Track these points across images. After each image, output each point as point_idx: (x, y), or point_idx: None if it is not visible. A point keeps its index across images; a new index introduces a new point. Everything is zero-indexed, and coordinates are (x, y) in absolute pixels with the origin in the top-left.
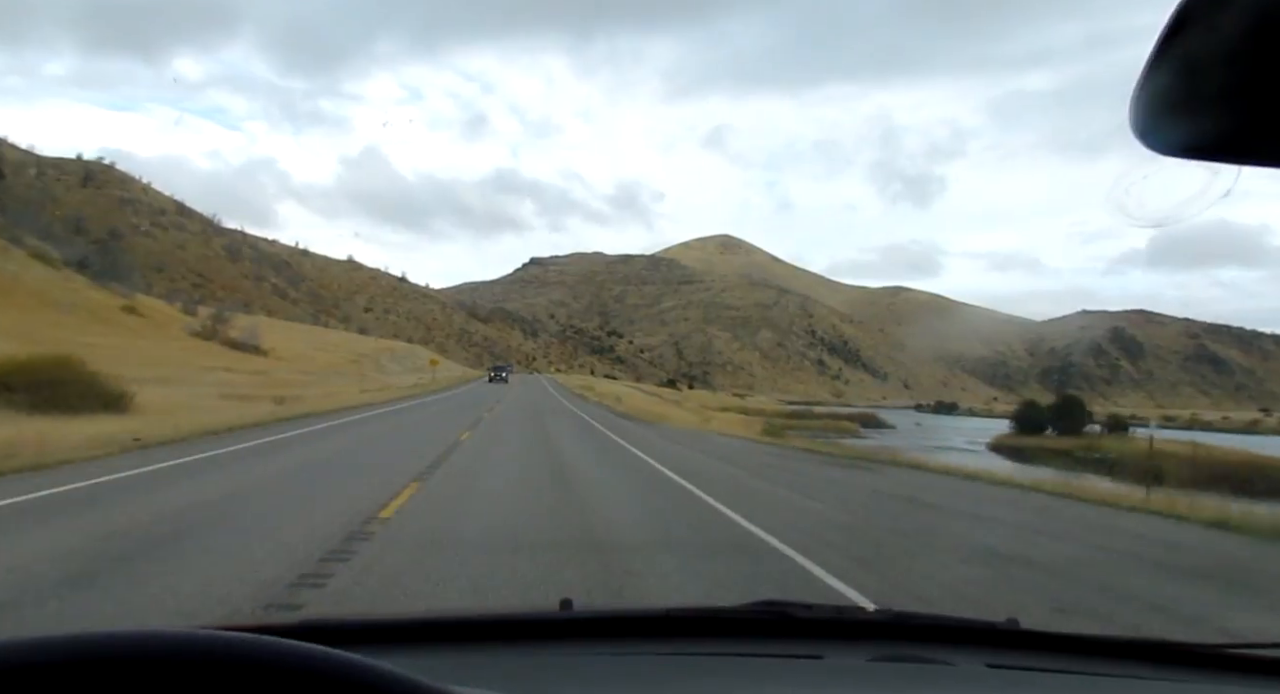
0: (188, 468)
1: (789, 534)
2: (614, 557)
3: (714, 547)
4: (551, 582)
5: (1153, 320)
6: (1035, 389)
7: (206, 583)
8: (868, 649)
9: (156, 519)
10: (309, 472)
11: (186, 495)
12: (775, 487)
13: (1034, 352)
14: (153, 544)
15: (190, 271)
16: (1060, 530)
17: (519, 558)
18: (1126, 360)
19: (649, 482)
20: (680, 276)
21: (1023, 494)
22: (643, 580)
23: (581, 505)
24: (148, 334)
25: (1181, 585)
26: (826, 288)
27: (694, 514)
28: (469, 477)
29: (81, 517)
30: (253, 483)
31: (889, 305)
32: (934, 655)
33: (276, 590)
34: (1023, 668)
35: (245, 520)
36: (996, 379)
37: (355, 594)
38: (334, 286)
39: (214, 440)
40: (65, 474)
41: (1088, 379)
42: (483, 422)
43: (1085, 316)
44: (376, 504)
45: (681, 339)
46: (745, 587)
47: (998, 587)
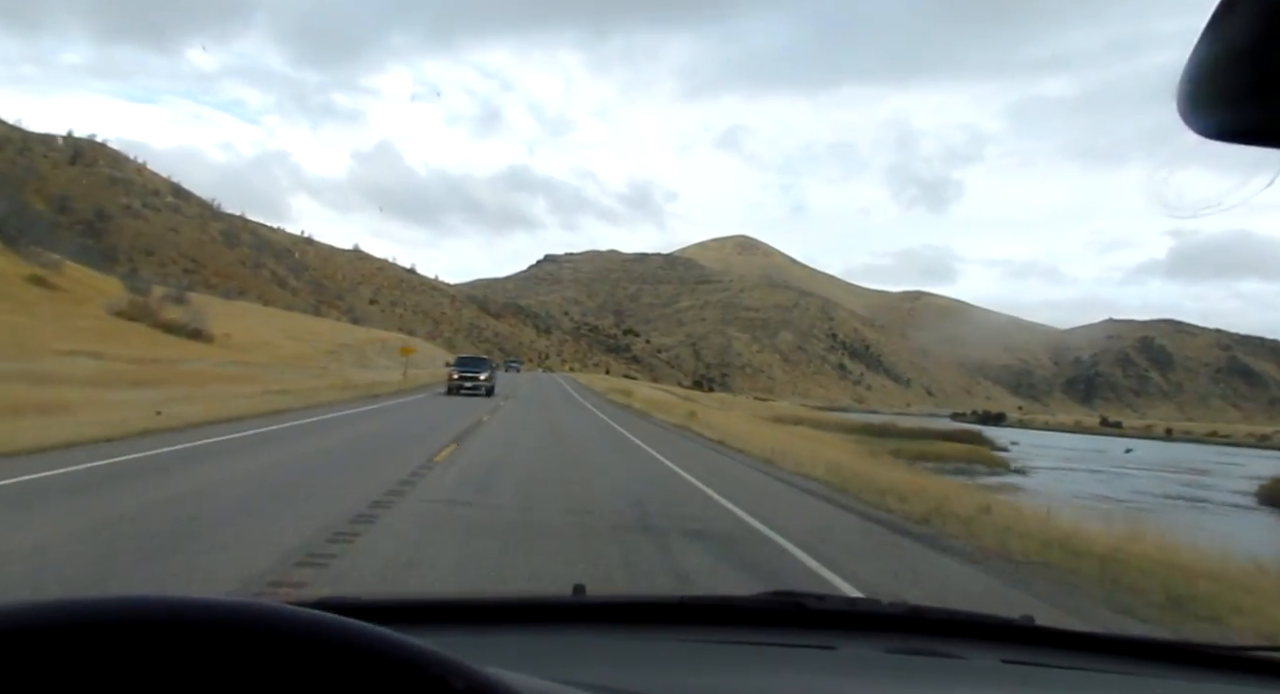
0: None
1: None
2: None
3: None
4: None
5: (1182, 330)
6: (1060, 399)
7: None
8: (881, 641)
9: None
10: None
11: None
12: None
13: (1058, 360)
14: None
15: (182, 256)
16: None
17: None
18: (1155, 371)
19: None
20: (697, 276)
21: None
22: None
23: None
24: (47, 310)
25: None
26: (845, 291)
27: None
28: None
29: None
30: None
31: (909, 310)
32: (948, 649)
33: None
34: (1038, 664)
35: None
36: (1021, 388)
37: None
38: (338, 277)
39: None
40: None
41: (1115, 389)
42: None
43: (1112, 325)
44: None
45: (699, 340)
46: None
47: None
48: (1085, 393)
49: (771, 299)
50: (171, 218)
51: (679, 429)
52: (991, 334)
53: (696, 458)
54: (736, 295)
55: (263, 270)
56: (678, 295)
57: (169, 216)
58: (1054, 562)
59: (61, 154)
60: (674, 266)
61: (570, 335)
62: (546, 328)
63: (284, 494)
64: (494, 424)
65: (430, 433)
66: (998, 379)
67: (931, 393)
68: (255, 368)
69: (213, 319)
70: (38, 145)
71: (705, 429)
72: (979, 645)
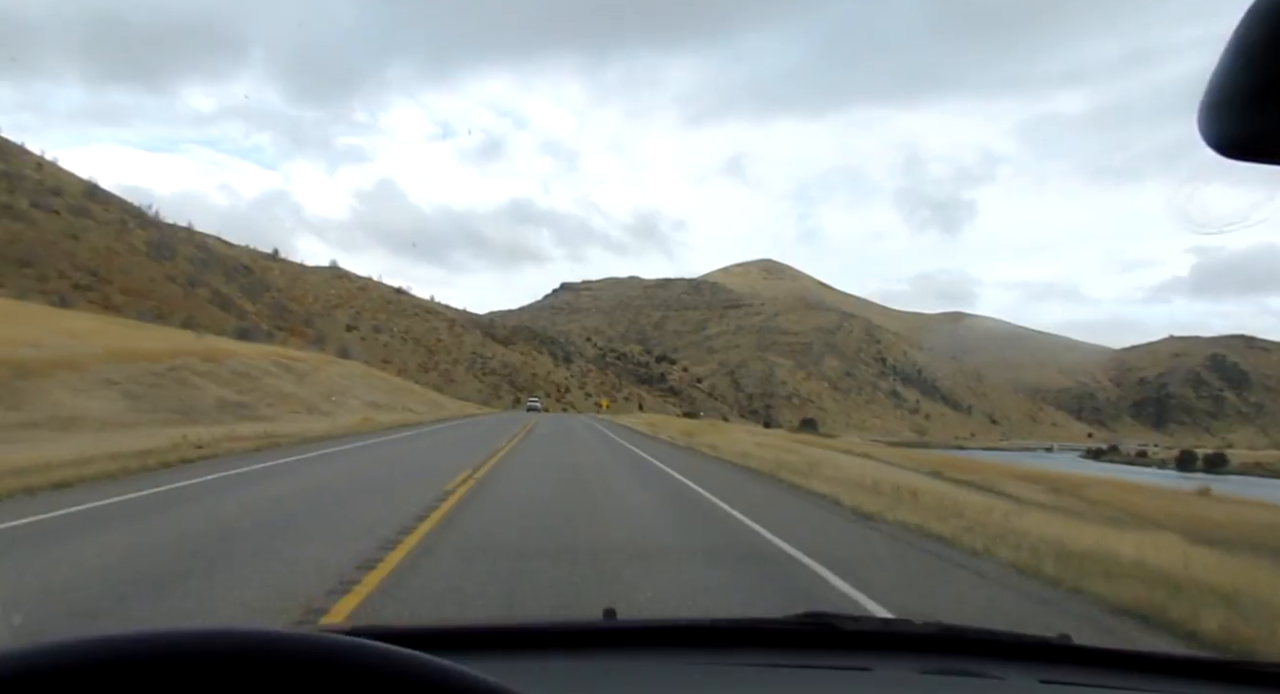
0: None
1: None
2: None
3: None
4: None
5: (1254, 346)
6: (1129, 424)
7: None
8: (916, 662)
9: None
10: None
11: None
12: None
13: (1120, 382)
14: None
15: (77, 268)
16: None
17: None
18: (1230, 391)
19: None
20: (725, 301)
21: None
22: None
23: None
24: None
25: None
26: (881, 314)
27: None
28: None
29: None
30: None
31: (950, 332)
32: (984, 669)
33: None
34: (1076, 684)
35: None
36: (1084, 412)
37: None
38: (308, 299)
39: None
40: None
41: (1189, 412)
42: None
43: (1175, 342)
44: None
45: (736, 367)
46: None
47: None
48: (1156, 416)
49: (811, 322)
50: (74, 222)
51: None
52: (1043, 355)
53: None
54: (771, 319)
55: (199, 289)
56: (706, 321)
57: (70, 221)
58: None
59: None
60: (700, 291)
61: (595, 364)
62: (566, 356)
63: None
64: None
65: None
66: (1058, 403)
67: (995, 421)
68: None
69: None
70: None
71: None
72: (1015, 665)
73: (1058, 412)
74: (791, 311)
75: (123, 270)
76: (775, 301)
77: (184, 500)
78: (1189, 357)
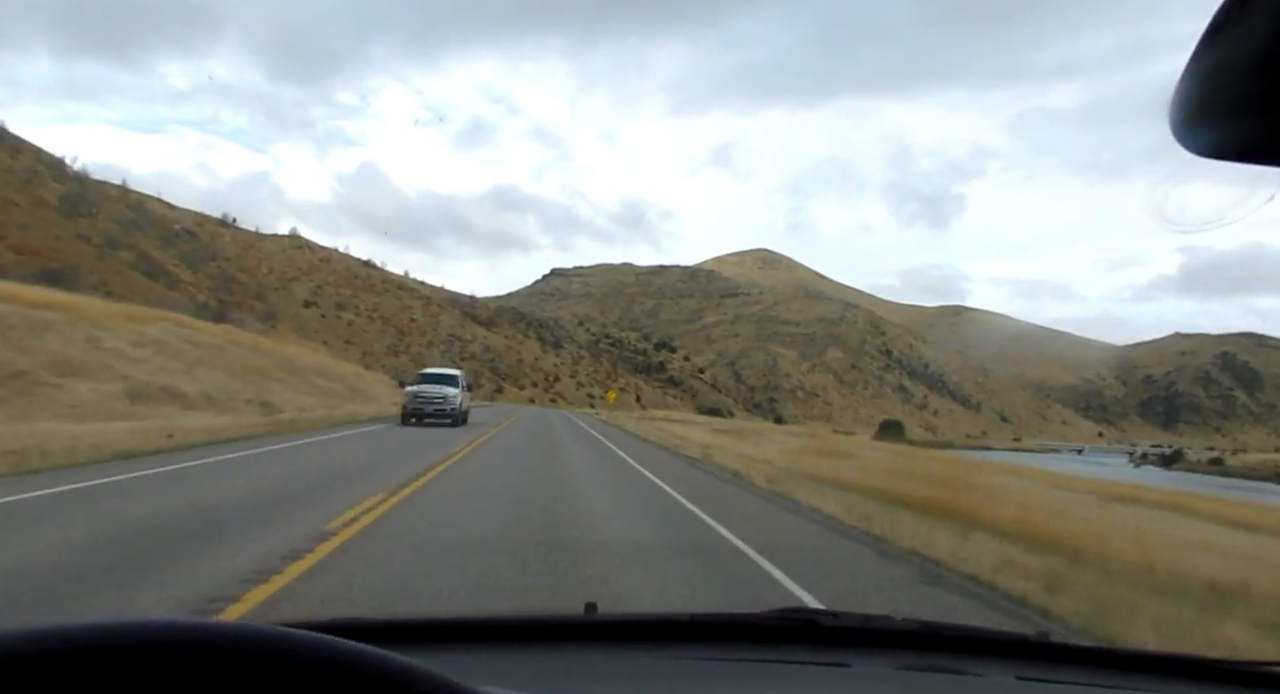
0: None
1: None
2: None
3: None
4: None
5: (1265, 344)
6: (1137, 423)
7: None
8: (895, 658)
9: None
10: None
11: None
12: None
13: (1126, 380)
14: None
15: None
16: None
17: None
18: (1241, 390)
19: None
20: (722, 289)
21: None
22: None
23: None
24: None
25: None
26: (881, 306)
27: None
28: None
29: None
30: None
31: (951, 326)
32: (962, 666)
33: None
34: (1054, 681)
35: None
36: (1091, 410)
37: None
38: (260, 271)
39: None
40: None
41: (1199, 411)
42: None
43: (1181, 340)
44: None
45: (736, 358)
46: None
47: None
48: (1165, 416)
49: (812, 312)
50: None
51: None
52: (1046, 351)
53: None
54: (770, 309)
55: (119, 252)
56: (702, 310)
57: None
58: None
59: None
60: (695, 279)
61: (587, 351)
62: (556, 341)
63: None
64: None
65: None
66: (1064, 400)
67: (1005, 418)
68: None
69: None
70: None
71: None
72: (994, 662)
73: (1065, 409)
74: (792, 301)
75: (22, 226)
76: (774, 291)
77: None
78: (1197, 355)
